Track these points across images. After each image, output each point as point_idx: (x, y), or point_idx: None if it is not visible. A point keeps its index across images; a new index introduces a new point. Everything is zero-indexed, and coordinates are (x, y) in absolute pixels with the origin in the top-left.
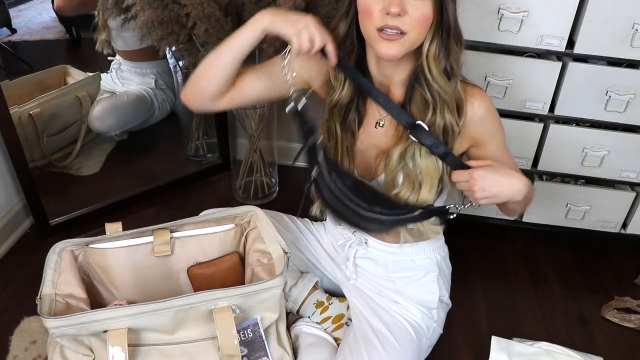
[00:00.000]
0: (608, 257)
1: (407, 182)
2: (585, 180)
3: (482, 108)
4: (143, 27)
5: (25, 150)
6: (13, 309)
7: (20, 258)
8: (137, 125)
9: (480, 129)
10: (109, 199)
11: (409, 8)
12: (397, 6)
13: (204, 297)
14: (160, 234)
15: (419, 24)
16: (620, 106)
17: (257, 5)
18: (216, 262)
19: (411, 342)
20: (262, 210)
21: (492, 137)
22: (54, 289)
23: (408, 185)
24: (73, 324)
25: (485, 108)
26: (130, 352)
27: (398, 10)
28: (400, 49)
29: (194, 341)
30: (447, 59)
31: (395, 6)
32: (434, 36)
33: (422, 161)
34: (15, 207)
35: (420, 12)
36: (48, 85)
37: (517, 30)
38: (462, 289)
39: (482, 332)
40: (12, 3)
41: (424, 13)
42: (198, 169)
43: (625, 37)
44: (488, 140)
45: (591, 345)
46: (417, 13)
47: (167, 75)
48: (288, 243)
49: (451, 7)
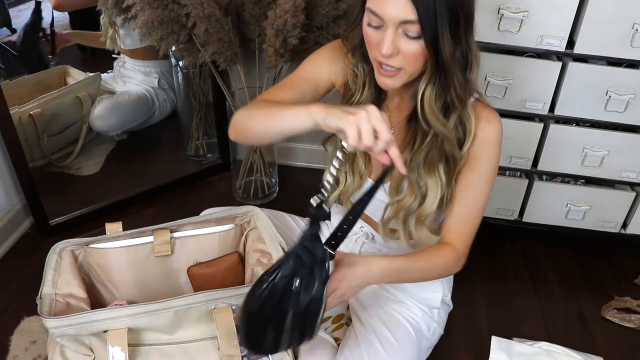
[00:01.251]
0: (608, 257)
1: (411, 190)
2: (585, 180)
3: (491, 131)
4: (143, 27)
5: (26, 150)
6: (13, 309)
7: (20, 258)
8: (137, 125)
9: (478, 149)
10: (109, 199)
11: (402, 46)
12: (388, 48)
13: (204, 297)
14: (160, 233)
15: (413, 60)
16: (620, 106)
17: (257, 5)
18: (216, 262)
19: (411, 342)
20: (262, 210)
21: (481, 164)
22: (54, 289)
23: (411, 194)
24: (73, 323)
25: (494, 133)
26: (131, 351)
27: (389, 52)
28: (398, 82)
29: (194, 341)
30: (448, 94)
31: (386, 48)
32: (430, 78)
33: (424, 174)
34: (15, 207)
35: (413, 48)
36: (48, 85)
37: (517, 30)
38: (462, 289)
39: (482, 332)
40: (12, 3)
41: (416, 49)
42: (198, 169)
43: (625, 37)
44: (475, 164)
45: (591, 345)
46: (410, 50)
47: (170, 75)
48: (289, 242)
49: (448, 45)
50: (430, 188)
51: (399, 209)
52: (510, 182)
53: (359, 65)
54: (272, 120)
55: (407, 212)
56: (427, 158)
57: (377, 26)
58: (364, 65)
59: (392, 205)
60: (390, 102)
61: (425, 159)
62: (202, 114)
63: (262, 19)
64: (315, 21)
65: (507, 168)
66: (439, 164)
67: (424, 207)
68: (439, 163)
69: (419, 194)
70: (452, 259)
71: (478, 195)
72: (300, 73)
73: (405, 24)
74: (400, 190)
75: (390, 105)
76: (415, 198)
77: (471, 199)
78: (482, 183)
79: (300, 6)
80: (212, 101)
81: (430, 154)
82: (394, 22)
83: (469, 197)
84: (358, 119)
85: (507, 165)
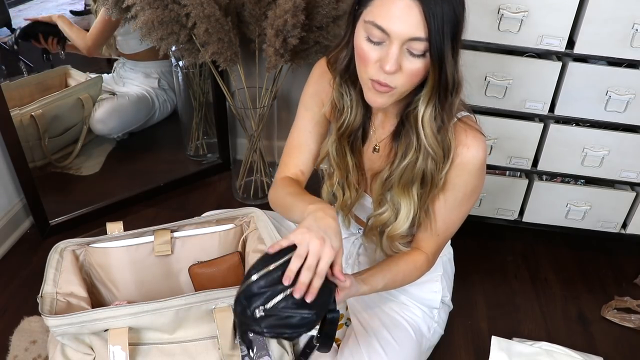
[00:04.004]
0: (608, 257)
1: (391, 205)
2: (585, 180)
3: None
4: (143, 27)
5: (26, 151)
6: (13, 309)
7: (20, 258)
8: (138, 126)
9: (454, 173)
10: (109, 199)
11: (405, 64)
12: (394, 65)
13: (204, 296)
14: (160, 233)
15: (410, 79)
16: (620, 106)
17: (257, 5)
18: (217, 262)
19: (411, 342)
20: (262, 212)
21: (455, 189)
22: (55, 288)
23: (391, 209)
24: (74, 322)
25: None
26: (131, 350)
27: (394, 69)
28: (388, 100)
29: (195, 340)
30: (442, 114)
31: (390, 65)
32: (430, 99)
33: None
34: (15, 207)
35: (415, 66)
36: (49, 86)
37: (517, 30)
38: (462, 289)
39: (482, 332)
40: (12, 3)
41: (417, 67)
42: (198, 169)
43: (625, 37)
44: (449, 188)
45: (591, 345)
46: (411, 68)
47: (170, 75)
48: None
49: (450, 65)
50: (403, 208)
51: (376, 223)
52: (510, 182)
53: (345, 87)
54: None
55: (384, 226)
56: (401, 178)
57: (377, 42)
58: (351, 87)
59: (373, 217)
60: (375, 119)
61: (400, 179)
62: (202, 114)
63: (262, 19)
64: (315, 21)
65: (507, 168)
66: (412, 185)
67: (396, 224)
68: (413, 185)
69: (393, 211)
70: (423, 264)
71: (453, 215)
72: (299, 125)
73: (412, 41)
74: (382, 204)
75: (375, 122)
76: (392, 214)
77: (444, 217)
78: (456, 205)
79: (300, 6)
80: (212, 101)
81: (405, 174)
82: (401, 38)
83: (442, 215)
84: (314, 246)
85: (507, 165)
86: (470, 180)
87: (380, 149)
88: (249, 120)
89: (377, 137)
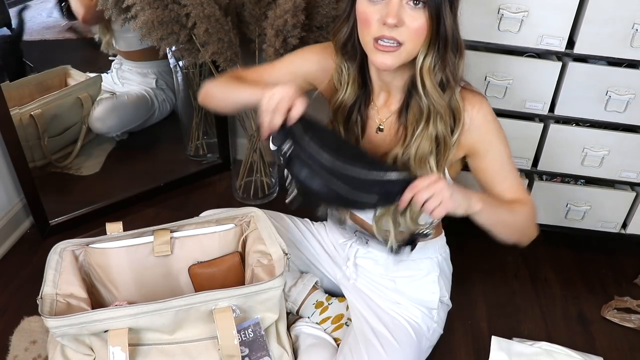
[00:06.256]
0: (608, 257)
1: None
2: (585, 180)
3: (479, 116)
4: (143, 27)
5: (26, 151)
6: (13, 309)
7: (20, 258)
8: (137, 125)
9: (475, 137)
10: (109, 199)
11: (406, 19)
12: (394, 17)
13: (204, 297)
14: (160, 234)
15: (416, 35)
16: (620, 106)
17: (257, 5)
18: (217, 262)
19: (411, 342)
20: (262, 212)
21: (489, 147)
22: (55, 289)
23: None
24: (74, 323)
25: (483, 116)
26: (131, 351)
27: (395, 21)
28: (396, 60)
29: (194, 341)
30: (444, 71)
31: (392, 17)
32: (429, 49)
33: (416, 168)
34: (15, 207)
35: (418, 22)
36: (49, 86)
37: (517, 30)
38: (462, 289)
39: (482, 332)
40: (12, 3)
41: (421, 24)
42: (198, 169)
43: (625, 37)
44: (484, 150)
45: (591, 345)
46: (415, 24)
47: (167, 75)
48: (288, 243)
49: (449, 18)
50: None
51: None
52: None
53: (345, 63)
54: (231, 92)
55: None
56: (418, 150)
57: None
58: (350, 63)
59: None
60: (377, 100)
61: (417, 152)
62: (202, 114)
63: (262, 19)
64: (315, 21)
65: None
66: (429, 156)
67: None
68: (430, 156)
69: None
70: (531, 205)
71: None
72: (284, 62)
73: None
74: None
75: (378, 102)
76: None
77: (504, 172)
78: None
79: (300, 6)
80: None
81: (421, 145)
82: None
83: (501, 173)
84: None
85: None
86: (493, 129)
87: (385, 129)
88: (249, 120)
89: (382, 117)
